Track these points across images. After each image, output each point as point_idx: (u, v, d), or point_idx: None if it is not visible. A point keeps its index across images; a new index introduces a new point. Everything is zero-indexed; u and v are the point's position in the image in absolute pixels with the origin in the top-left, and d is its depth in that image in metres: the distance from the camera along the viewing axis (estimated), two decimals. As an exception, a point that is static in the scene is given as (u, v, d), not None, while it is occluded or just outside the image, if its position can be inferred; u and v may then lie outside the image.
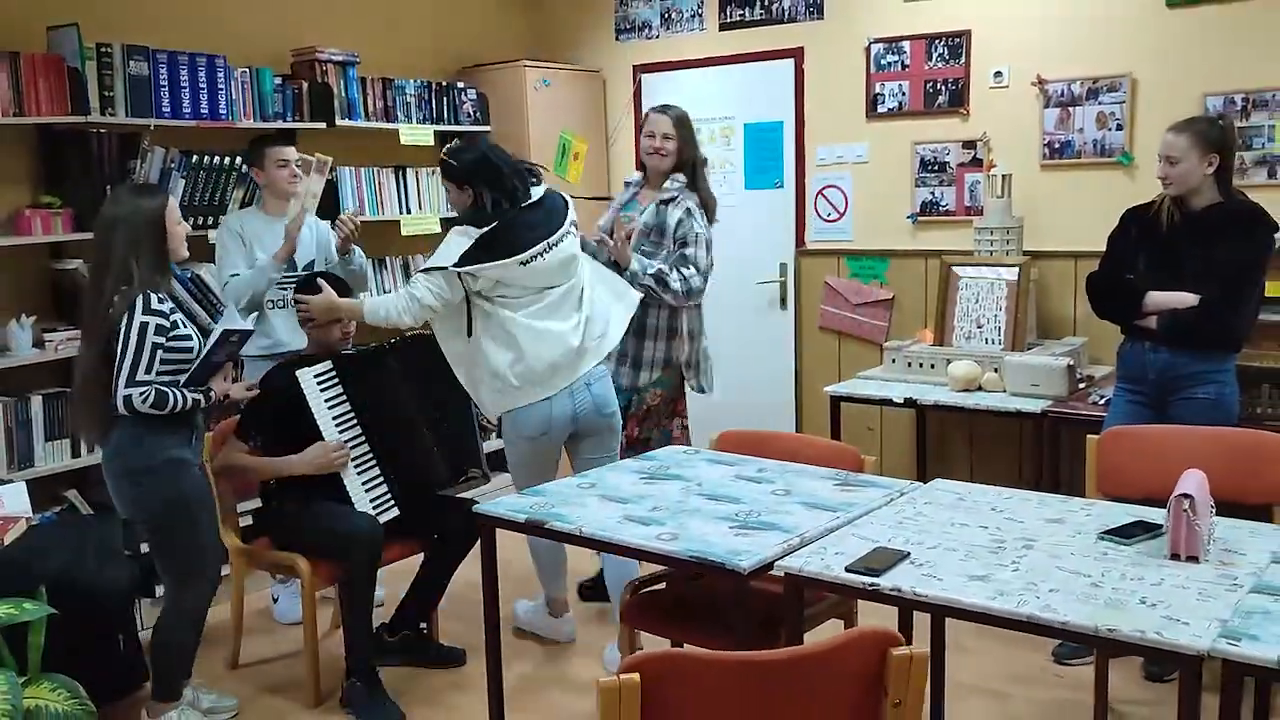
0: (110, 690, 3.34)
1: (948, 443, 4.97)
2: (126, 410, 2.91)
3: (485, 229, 3.36)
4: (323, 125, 4.72)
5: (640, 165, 4.14)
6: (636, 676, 1.67)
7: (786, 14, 5.19)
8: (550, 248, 3.42)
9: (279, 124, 4.57)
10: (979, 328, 4.39)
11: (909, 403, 4.15)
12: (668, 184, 3.94)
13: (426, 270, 3.41)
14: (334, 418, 3.49)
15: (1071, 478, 3.75)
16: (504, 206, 3.41)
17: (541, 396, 3.46)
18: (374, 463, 3.55)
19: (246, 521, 3.83)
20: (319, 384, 3.48)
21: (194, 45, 4.28)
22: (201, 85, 4.25)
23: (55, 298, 4.02)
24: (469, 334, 3.46)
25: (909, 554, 2.36)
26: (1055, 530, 2.51)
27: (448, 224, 3.76)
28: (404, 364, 3.65)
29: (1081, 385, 4.03)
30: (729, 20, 5.37)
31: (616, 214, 4.05)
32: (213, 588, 3.17)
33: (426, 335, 3.70)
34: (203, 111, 4.26)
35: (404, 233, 5.08)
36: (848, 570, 2.28)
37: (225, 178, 4.32)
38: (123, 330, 2.91)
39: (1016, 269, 4.34)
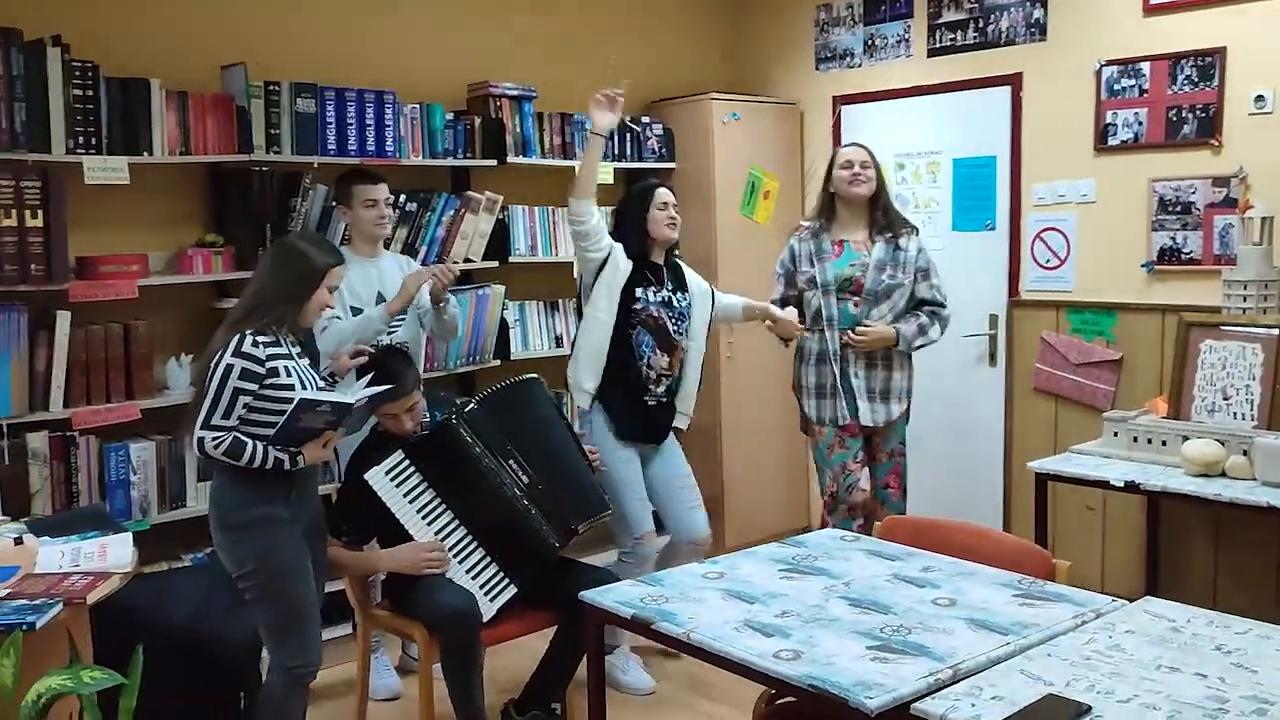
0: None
1: (1187, 539, 4.20)
2: (199, 452, 2.77)
3: None
4: (493, 163, 4.54)
5: (826, 205, 4.01)
6: None
7: (1004, 36, 4.61)
8: None
9: (448, 161, 4.44)
10: (1225, 400, 3.66)
11: (1130, 487, 3.48)
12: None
13: None
14: (418, 510, 3.24)
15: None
16: None
17: None
18: (475, 545, 3.26)
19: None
20: (392, 480, 3.22)
21: (369, 82, 4.19)
22: (369, 122, 4.15)
23: (215, 337, 3.99)
24: None
25: (1089, 709, 1.82)
26: (1303, 688, 1.89)
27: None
28: (476, 430, 3.31)
29: (1360, 478, 3.26)
30: (938, 45, 4.85)
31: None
32: (318, 654, 2.95)
33: (495, 392, 3.42)
34: (369, 149, 4.15)
35: (577, 275, 4.82)
36: (1002, 727, 1.78)
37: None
38: (211, 367, 2.77)
39: (1276, 330, 3.59)
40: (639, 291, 3.74)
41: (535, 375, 3.54)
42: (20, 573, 2.61)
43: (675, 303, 3.81)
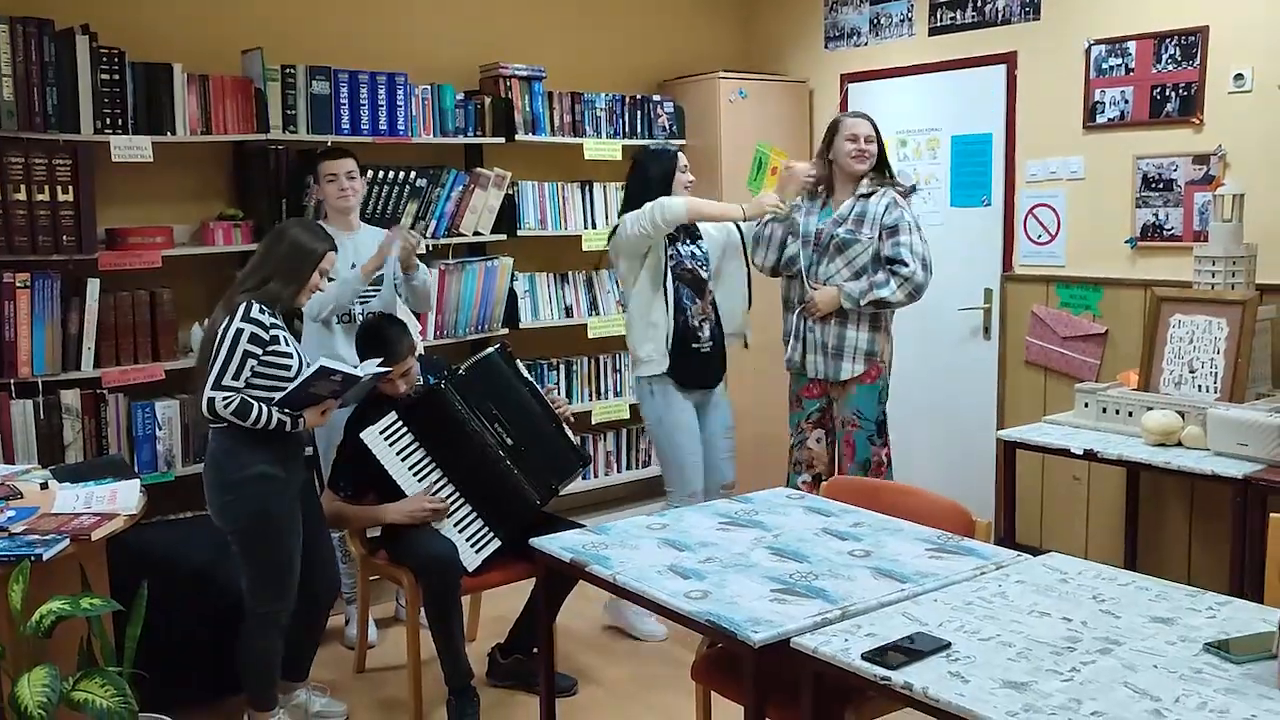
0: (224, 689, 3.49)
1: (1163, 509, 4.30)
2: (209, 413, 2.99)
3: None
4: (502, 140, 4.76)
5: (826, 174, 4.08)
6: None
7: (1000, 15, 4.70)
8: None
9: (459, 139, 4.67)
10: (1192, 373, 3.76)
11: (1089, 455, 3.61)
12: (864, 183, 3.97)
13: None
14: (410, 468, 3.49)
15: None
16: None
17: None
18: (462, 501, 3.52)
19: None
20: (386, 439, 3.48)
21: (382, 65, 4.43)
22: (380, 103, 4.40)
23: (237, 304, 4.28)
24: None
25: (949, 644, 2.01)
26: (1155, 633, 2.05)
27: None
28: (463, 394, 3.56)
29: (1311, 449, 3.34)
30: (939, 24, 4.95)
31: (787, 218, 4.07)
32: (290, 600, 3.20)
33: (479, 362, 3.65)
34: (381, 128, 4.41)
35: (585, 248, 5.05)
36: (863, 657, 1.97)
37: (399, 191, 4.44)
38: (219, 332, 3.01)
39: (1241, 305, 3.68)
40: (671, 250, 3.94)
41: (496, 346, 3.74)
42: (39, 512, 2.92)
43: (698, 251, 4.05)
